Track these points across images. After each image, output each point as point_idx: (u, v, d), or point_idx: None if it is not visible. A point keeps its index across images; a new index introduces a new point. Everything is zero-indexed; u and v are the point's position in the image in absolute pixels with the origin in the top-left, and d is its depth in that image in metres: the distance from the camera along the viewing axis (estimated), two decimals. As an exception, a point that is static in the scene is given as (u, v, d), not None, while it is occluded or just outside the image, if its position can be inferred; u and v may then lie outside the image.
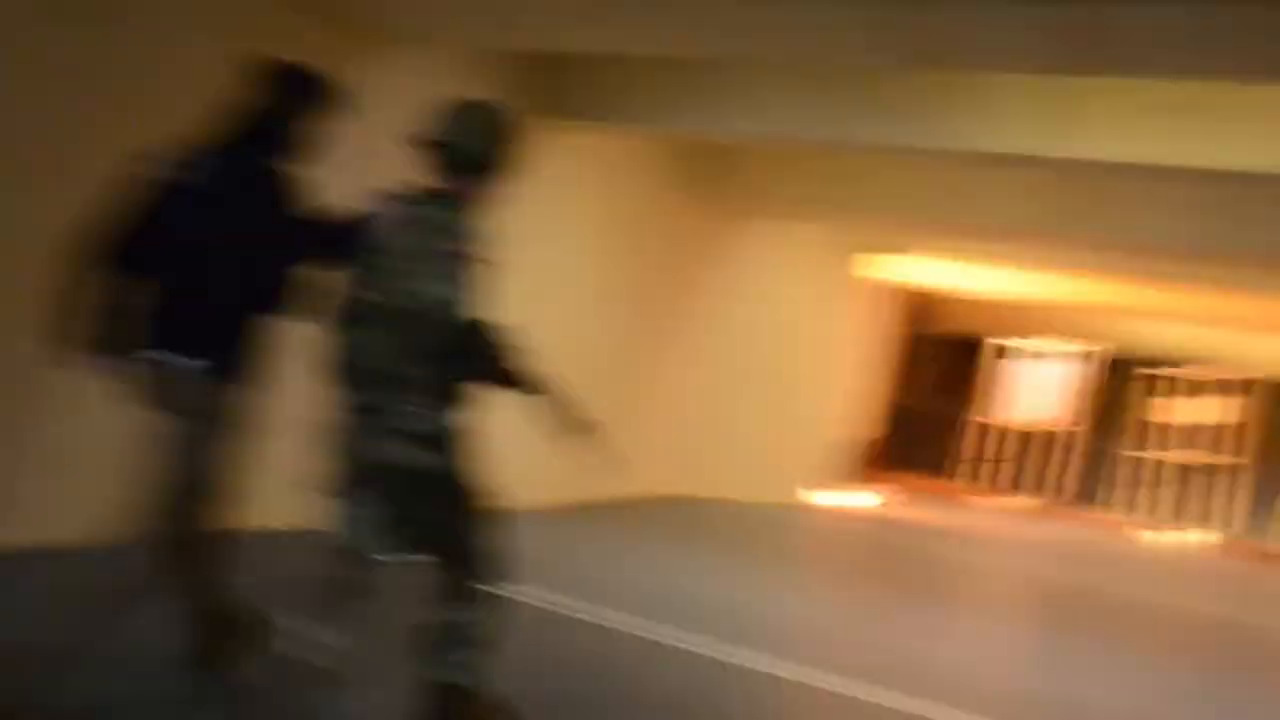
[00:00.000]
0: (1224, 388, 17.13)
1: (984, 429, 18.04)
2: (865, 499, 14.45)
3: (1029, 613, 9.44)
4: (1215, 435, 17.05)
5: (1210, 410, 17.18)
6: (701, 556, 8.36)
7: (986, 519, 14.99)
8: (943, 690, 5.52)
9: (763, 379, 12.12)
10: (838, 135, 6.92)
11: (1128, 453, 17.44)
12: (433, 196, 3.24)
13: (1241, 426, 16.90)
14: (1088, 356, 17.71)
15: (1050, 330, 17.55)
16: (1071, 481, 17.63)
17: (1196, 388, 17.29)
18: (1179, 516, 16.88)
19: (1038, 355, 17.91)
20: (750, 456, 11.99)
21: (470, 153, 3.22)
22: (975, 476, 17.92)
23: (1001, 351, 17.96)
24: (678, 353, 10.92)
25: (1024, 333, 17.83)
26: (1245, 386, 16.97)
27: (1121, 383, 17.75)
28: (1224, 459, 16.88)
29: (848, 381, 14.18)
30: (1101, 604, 9.79)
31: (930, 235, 11.83)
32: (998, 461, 17.92)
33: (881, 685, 5.36)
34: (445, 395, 3.17)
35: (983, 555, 12.04)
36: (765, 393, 12.21)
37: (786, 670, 5.37)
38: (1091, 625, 8.66)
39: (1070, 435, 17.70)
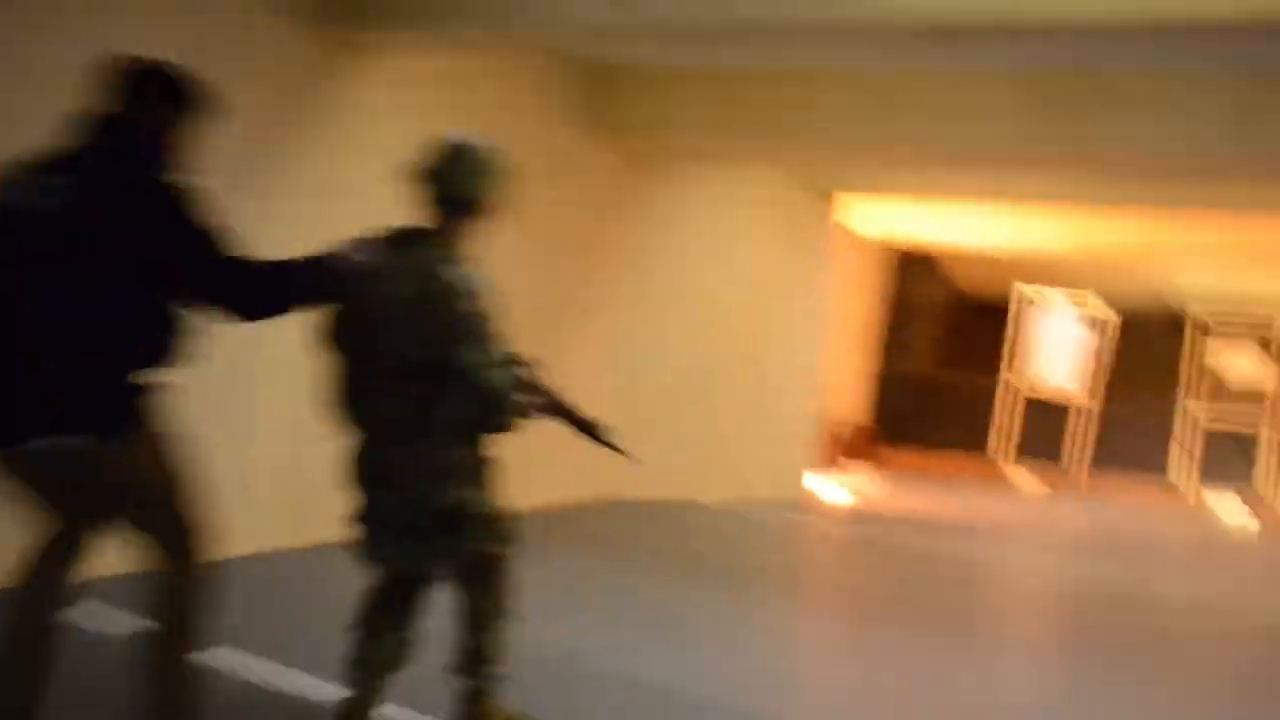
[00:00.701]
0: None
1: (992, 396, 16.08)
2: (851, 485, 12.52)
3: (1043, 631, 7.30)
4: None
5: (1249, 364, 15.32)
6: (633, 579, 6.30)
7: (1001, 502, 13.03)
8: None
9: (723, 351, 10.13)
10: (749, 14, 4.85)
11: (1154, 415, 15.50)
12: (423, 238, 3.05)
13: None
14: (1101, 316, 15.71)
15: (1063, 284, 15.56)
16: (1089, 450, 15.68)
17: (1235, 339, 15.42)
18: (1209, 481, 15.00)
19: (1048, 312, 15.92)
20: (718, 449, 10.05)
21: (463, 191, 3.06)
22: (981, 449, 15.95)
23: (1018, 307, 15.94)
24: (610, 330, 8.82)
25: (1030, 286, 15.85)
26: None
27: (1147, 337, 15.80)
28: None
29: (828, 351, 12.18)
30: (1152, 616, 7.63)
31: (907, 169, 9.82)
32: (1009, 432, 15.96)
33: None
34: (461, 435, 3.03)
35: (1008, 554, 9.69)
36: (729, 367, 10.23)
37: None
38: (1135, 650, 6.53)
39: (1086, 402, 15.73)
